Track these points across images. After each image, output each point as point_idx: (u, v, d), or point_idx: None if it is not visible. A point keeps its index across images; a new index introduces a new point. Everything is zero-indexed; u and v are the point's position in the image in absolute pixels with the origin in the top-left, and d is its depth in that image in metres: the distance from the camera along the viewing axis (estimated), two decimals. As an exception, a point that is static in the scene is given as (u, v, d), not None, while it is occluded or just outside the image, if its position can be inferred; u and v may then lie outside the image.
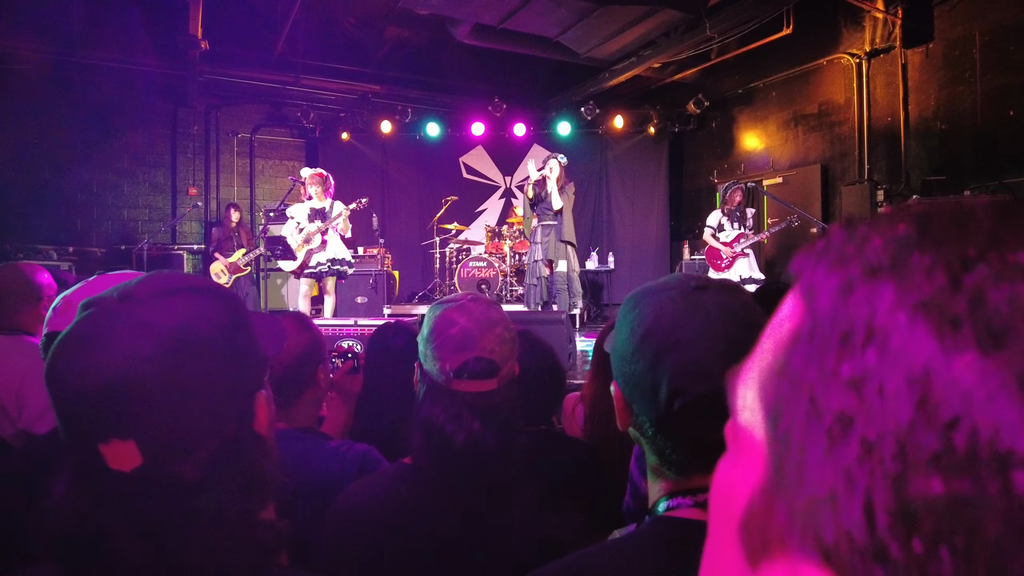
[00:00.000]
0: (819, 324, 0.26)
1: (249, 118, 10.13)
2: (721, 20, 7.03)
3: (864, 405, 0.23)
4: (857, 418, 0.23)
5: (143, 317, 0.65)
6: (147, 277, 0.71)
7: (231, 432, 0.67)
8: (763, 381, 0.28)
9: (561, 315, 4.29)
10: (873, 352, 0.23)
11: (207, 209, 9.73)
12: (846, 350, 0.24)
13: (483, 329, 1.12)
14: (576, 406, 2.08)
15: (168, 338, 0.64)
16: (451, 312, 1.15)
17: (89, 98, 8.85)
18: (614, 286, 9.58)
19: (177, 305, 0.67)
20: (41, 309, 2.20)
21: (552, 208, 6.47)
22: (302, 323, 1.58)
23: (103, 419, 0.62)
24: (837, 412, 0.24)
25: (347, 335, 4.01)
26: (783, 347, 0.27)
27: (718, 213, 6.83)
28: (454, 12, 7.30)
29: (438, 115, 10.10)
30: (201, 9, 6.61)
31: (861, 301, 0.24)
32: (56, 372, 0.64)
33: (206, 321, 0.67)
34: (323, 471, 1.38)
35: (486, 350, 1.12)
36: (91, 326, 0.65)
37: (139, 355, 0.62)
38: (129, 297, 0.67)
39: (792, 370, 0.26)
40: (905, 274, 0.24)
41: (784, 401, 0.26)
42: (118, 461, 0.61)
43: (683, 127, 9.93)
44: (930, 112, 6.91)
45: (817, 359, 0.25)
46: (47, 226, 8.56)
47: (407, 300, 9.38)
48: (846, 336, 0.24)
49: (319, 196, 6.20)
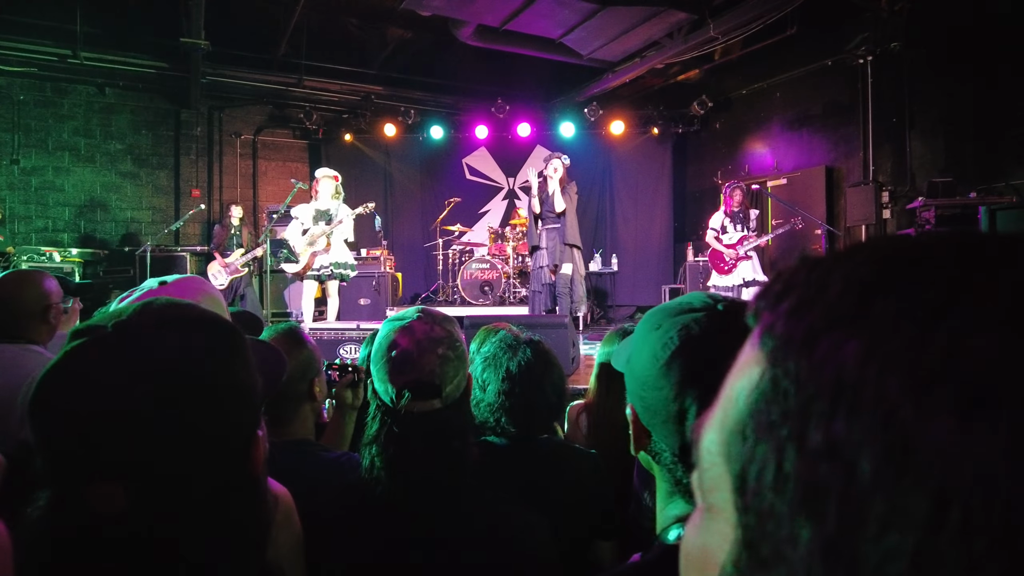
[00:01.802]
0: (780, 380, 0.23)
1: (252, 119, 10.14)
2: (725, 21, 7.00)
3: (837, 476, 0.20)
4: (832, 490, 0.20)
5: (137, 350, 0.61)
6: (143, 306, 0.66)
7: (224, 475, 0.63)
8: (726, 438, 0.26)
9: (564, 319, 4.27)
10: (843, 417, 0.21)
11: (210, 211, 9.74)
12: (814, 413, 0.22)
13: (422, 350, 1.12)
14: (580, 415, 2.06)
15: (163, 374, 0.60)
16: (395, 333, 1.16)
17: (92, 99, 8.87)
18: (617, 288, 9.55)
19: (175, 338, 0.63)
20: (49, 317, 2.18)
21: (555, 210, 6.31)
22: (295, 338, 1.57)
23: (88, 458, 0.57)
24: (808, 483, 0.21)
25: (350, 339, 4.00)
26: (745, 403, 0.25)
27: (720, 215, 6.77)
28: (457, 13, 7.29)
29: (441, 116, 10.10)
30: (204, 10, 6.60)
31: (825, 356, 0.22)
32: (39, 404, 0.59)
33: (205, 358, 0.63)
34: (321, 483, 1.36)
35: (425, 372, 1.12)
36: (81, 357, 0.61)
37: (131, 391, 0.58)
38: (123, 328, 0.62)
39: (756, 431, 0.24)
40: (869, 324, 0.22)
41: (749, 464, 0.24)
42: (102, 503, 0.57)
43: (687, 128, 9.90)
44: (935, 112, 6.87)
45: (781, 422, 0.23)
46: (50, 228, 8.58)
47: (410, 302, 9.37)
48: (812, 397, 0.22)
49: (328, 196, 6.17)
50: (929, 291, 0.21)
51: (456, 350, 1.17)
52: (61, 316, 2.28)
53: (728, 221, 6.69)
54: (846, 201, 7.76)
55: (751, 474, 0.24)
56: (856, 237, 7.77)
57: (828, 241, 7.26)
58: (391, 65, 9.50)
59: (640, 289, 9.88)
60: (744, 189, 6.75)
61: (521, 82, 10.13)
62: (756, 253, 6.68)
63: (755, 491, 0.24)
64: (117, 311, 0.65)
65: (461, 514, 1.13)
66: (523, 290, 8.55)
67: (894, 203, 7.28)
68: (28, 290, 2.16)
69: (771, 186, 8.52)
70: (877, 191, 7.33)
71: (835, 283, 0.24)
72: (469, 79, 9.83)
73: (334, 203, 6.17)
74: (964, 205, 5.97)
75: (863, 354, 0.21)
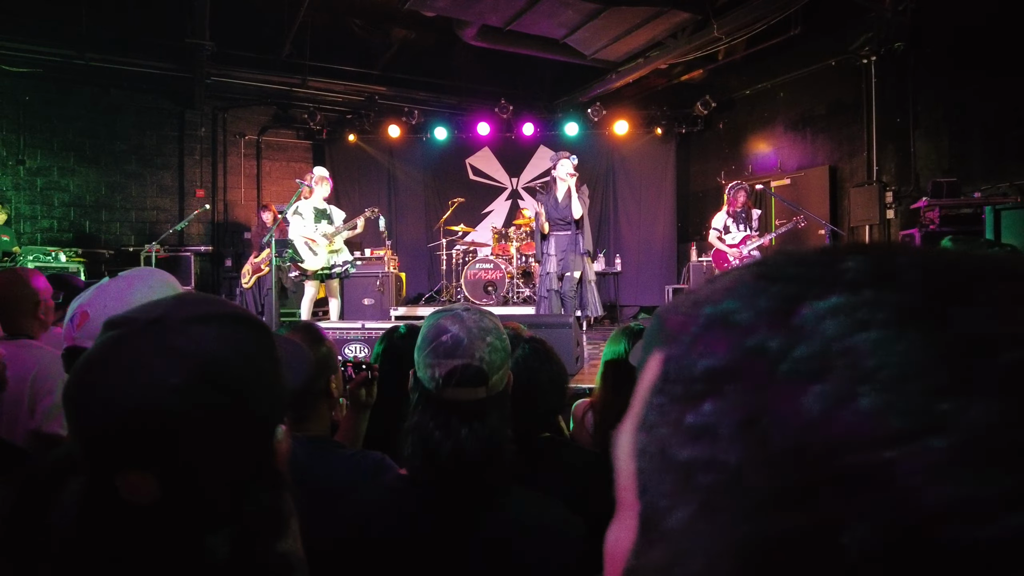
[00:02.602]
0: (668, 376, 0.26)
1: (256, 120, 10.16)
2: (729, 21, 7.00)
3: (701, 456, 0.23)
4: (696, 468, 0.23)
5: (172, 344, 0.62)
6: (177, 300, 0.68)
7: (250, 467, 0.65)
8: (631, 436, 0.28)
9: (568, 318, 4.27)
10: (710, 401, 0.24)
11: (214, 211, 9.76)
12: (689, 401, 0.25)
13: (473, 337, 1.14)
14: (586, 413, 2.07)
15: (197, 368, 0.61)
16: (444, 320, 1.18)
17: (97, 100, 8.90)
18: (621, 288, 9.55)
19: (208, 334, 0.64)
20: (39, 313, 2.25)
21: (572, 216, 6.01)
22: (314, 336, 1.58)
23: (123, 448, 0.59)
24: (683, 463, 0.24)
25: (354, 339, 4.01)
26: (643, 400, 0.28)
27: (723, 215, 6.77)
28: (461, 14, 7.30)
29: (444, 117, 10.11)
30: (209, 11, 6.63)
31: (702, 350, 0.25)
32: (77, 393, 0.61)
33: (237, 353, 0.64)
34: (337, 480, 1.37)
35: (475, 358, 1.13)
36: (117, 350, 0.62)
37: (166, 384, 0.59)
38: (159, 322, 0.64)
39: (649, 425, 0.27)
40: (739, 321, 0.25)
41: (644, 455, 0.26)
42: (135, 493, 0.59)
43: (690, 128, 9.90)
44: (940, 112, 6.86)
45: (667, 411, 0.26)
46: (55, 228, 8.61)
47: (414, 302, 9.39)
48: (688, 387, 0.25)
49: (322, 197, 6.20)
50: (792, 288, 0.24)
51: (503, 341, 1.18)
52: (52, 313, 2.34)
53: (731, 221, 6.69)
54: (850, 201, 7.76)
55: (644, 462, 0.26)
56: (860, 237, 7.76)
57: (832, 241, 7.26)
58: (395, 66, 9.52)
59: (644, 289, 9.88)
60: (748, 189, 6.74)
61: (524, 82, 10.14)
62: (760, 253, 6.68)
63: (646, 479, 0.26)
64: (148, 306, 0.66)
65: (504, 507, 1.14)
66: (526, 290, 8.56)
67: (898, 203, 7.28)
68: (18, 288, 2.23)
69: (775, 186, 8.52)
70: (881, 191, 7.32)
71: (720, 288, 0.27)
72: (472, 79, 9.84)
73: (326, 204, 6.23)
74: (968, 205, 5.96)
75: (729, 344, 0.25)
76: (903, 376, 0.20)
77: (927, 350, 0.21)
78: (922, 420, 0.20)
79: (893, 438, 0.20)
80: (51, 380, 2.07)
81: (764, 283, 0.25)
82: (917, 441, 0.19)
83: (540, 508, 1.18)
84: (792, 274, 0.25)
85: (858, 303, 0.22)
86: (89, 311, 1.10)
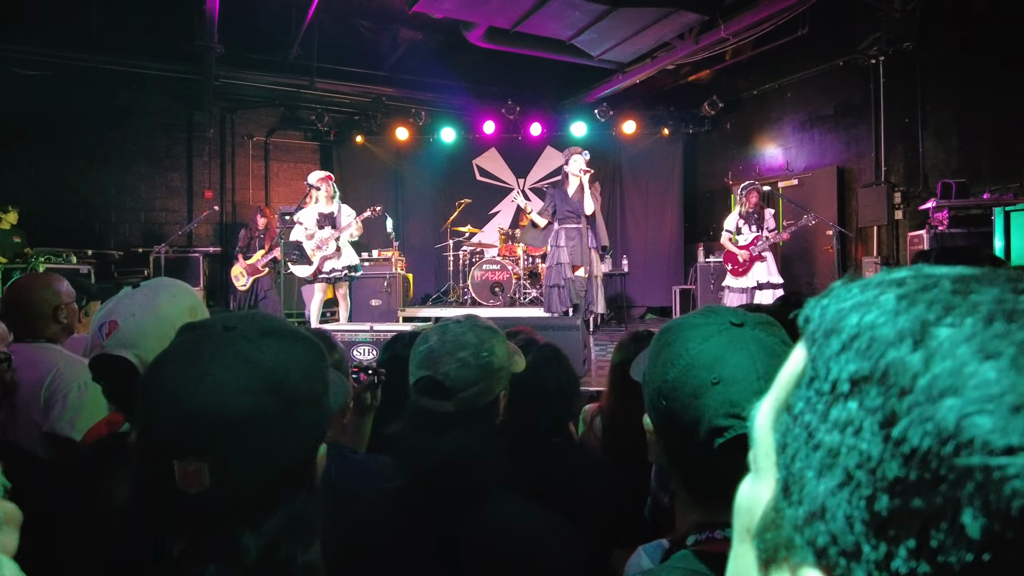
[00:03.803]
0: (816, 374, 0.31)
1: (264, 121, 10.21)
2: (736, 21, 6.98)
3: (846, 442, 0.29)
4: (841, 452, 0.29)
5: (244, 352, 0.68)
6: (250, 314, 0.75)
7: (294, 473, 0.70)
8: (775, 416, 0.34)
9: (576, 321, 4.28)
10: (855, 400, 0.29)
11: (223, 212, 9.81)
12: (835, 398, 0.30)
13: (444, 352, 1.17)
14: (595, 417, 2.07)
15: (264, 377, 0.67)
16: (431, 331, 1.22)
17: (106, 102, 8.96)
18: (628, 289, 9.55)
19: (276, 347, 0.70)
20: (59, 317, 2.28)
21: (584, 211, 6.14)
22: (329, 342, 1.59)
23: (187, 439, 0.64)
24: (828, 447, 0.30)
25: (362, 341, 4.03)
26: (790, 389, 0.34)
27: (735, 215, 6.75)
28: (468, 15, 7.32)
29: (452, 117, 10.13)
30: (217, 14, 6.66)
31: (849, 356, 0.30)
32: (152, 386, 0.67)
33: (299, 368, 0.70)
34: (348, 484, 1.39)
35: (439, 372, 1.15)
36: (194, 349, 0.68)
37: (235, 387, 0.65)
38: (233, 330, 0.70)
39: (795, 410, 0.32)
40: (882, 336, 0.29)
41: (789, 434, 0.32)
42: (187, 480, 0.64)
43: (697, 128, 9.89)
44: (949, 113, 6.83)
45: (814, 403, 0.31)
46: (66, 229, 8.67)
47: (421, 303, 9.41)
48: (835, 386, 0.30)
49: (327, 200, 6.18)
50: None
51: (479, 359, 1.18)
52: (75, 316, 2.37)
53: (742, 222, 6.67)
54: (858, 202, 7.73)
55: (789, 439, 0.32)
56: (867, 238, 7.74)
57: (839, 242, 7.23)
58: (402, 67, 9.54)
59: (651, 290, 9.87)
60: (760, 190, 6.73)
61: (531, 83, 10.14)
62: (772, 254, 6.66)
63: (792, 454, 0.32)
64: (223, 316, 0.73)
65: (483, 517, 1.15)
66: (533, 291, 8.57)
67: (906, 204, 7.24)
68: (37, 292, 2.26)
69: (782, 187, 8.50)
70: (889, 192, 7.29)
71: (875, 303, 0.31)
72: (479, 80, 9.85)
73: (334, 205, 6.18)
74: (978, 206, 5.93)
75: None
76: (1020, 403, 0.25)
77: None
78: None
79: (1008, 450, 0.24)
80: (66, 384, 2.09)
81: (905, 303, 0.29)
82: None
83: (524, 516, 1.17)
84: (929, 299, 0.29)
85: (989, 336, 0.27)
86: (118, 320, 1.14)
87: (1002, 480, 0.24)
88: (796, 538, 0.31)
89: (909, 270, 0.32)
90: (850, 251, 7.92)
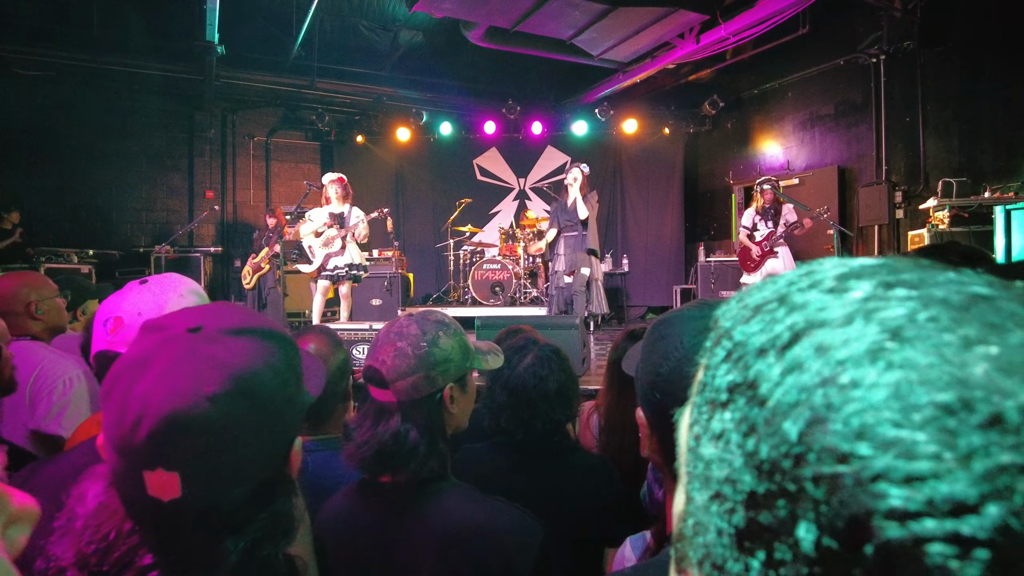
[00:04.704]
0: (707, 382, 0.31)
1: (265, 121, 10.22)
2: (737, 20, 6.97)
3: (718, 455, 0.29)
4: (713, 464, 0.29)
5: (212, 354, 0.65)
6: (215, 309, 0.71)
7: (268, 475, 0.68)
8: (690, 422, 0.34)
9: (575, 319, 4.27)
10: (728, 410, 0.29)
11: (224, 212, 9.83)
12: (715, 408, 0.30)
13: (384, 341, 1.22)
14: (591, 415, 2.07)
15: (233, 380, 0.64)
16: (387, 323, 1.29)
17: (107, 102, 8.97)
18: (628, 288, 9.54)
19: (245, 347, 0.67)
20: (34, 313, 2.25)
21: (579, 218, 6.50)
22: (334, 341, 1.60)
23: (155, 447, 0.61)
24: (706, 459, 0.30)
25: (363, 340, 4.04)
26: (694, 396, 0.33)
27: (751, 212, 6.75)
28: (468, 15, 7.31)
29: (452, 117, 10.13)
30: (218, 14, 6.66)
31: (728, 366, 0.30)
32: (116, 392, 0.63)
33: (269, 368, 0.67)
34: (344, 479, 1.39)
35: (377, 360, 1.20)
36: (158, 353, 0.65)
37: (203, 392, 0.62)
38: (198, 330, 0.66)
39: (692, 418, 0.33)
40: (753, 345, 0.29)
41: (690, 442, 0.32)
42: (158, 490, 0.61)
43: (698, 128, 9.88)
44: (949, 111, 6.81)
45: (704, 413, 0.31)
46: (67, 229, 8.69)
47: (421, 302, 9.41)
48: (716, 395, 0.30)
49: (339, 200, 6.24)
50: None
51: (418, 349, 1.20)
52: (59, 313, 2.33)
53: (759, 218, 6.67)
54: (859, 201, 7.71)
55: (687, 449, 0.33)
56: (868, 237, 7.72)
57: (840, 242, 7.21)
58: (402, 67, 9.54)
59: (652, 290, 9.86)
60: (775, 185, 6.70)
61: (531, 83, 10.14)
62: (787, 249, 6.61)
63: (688, 462, 0.32)
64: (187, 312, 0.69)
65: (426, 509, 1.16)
66: (533, 290, 8.57)
67: (907, 203, 7.23)
68: (10, 290, 2.24)
69: (783, 186, 8.48)
70: (890, 191, 7.27)
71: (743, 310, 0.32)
72: (480, 80, 9.85)
73: (346, 206, 6.24)
74: (979, 205, 5.91)
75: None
76: (861, 417, 0.25)
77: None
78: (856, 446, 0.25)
79: (841, 459, 0.24)
80: (51, 380, 2.06)
81: (783, 311, 0.29)
82: (857, 461, 0.24)
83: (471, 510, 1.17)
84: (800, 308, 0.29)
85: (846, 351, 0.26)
86: (124, 317, 1.12)
87: (832, 490, 0.24)
88: (688, 550, 0.31)
89: (796, 273, 0.31)
90: (851, 250, 7.90)
